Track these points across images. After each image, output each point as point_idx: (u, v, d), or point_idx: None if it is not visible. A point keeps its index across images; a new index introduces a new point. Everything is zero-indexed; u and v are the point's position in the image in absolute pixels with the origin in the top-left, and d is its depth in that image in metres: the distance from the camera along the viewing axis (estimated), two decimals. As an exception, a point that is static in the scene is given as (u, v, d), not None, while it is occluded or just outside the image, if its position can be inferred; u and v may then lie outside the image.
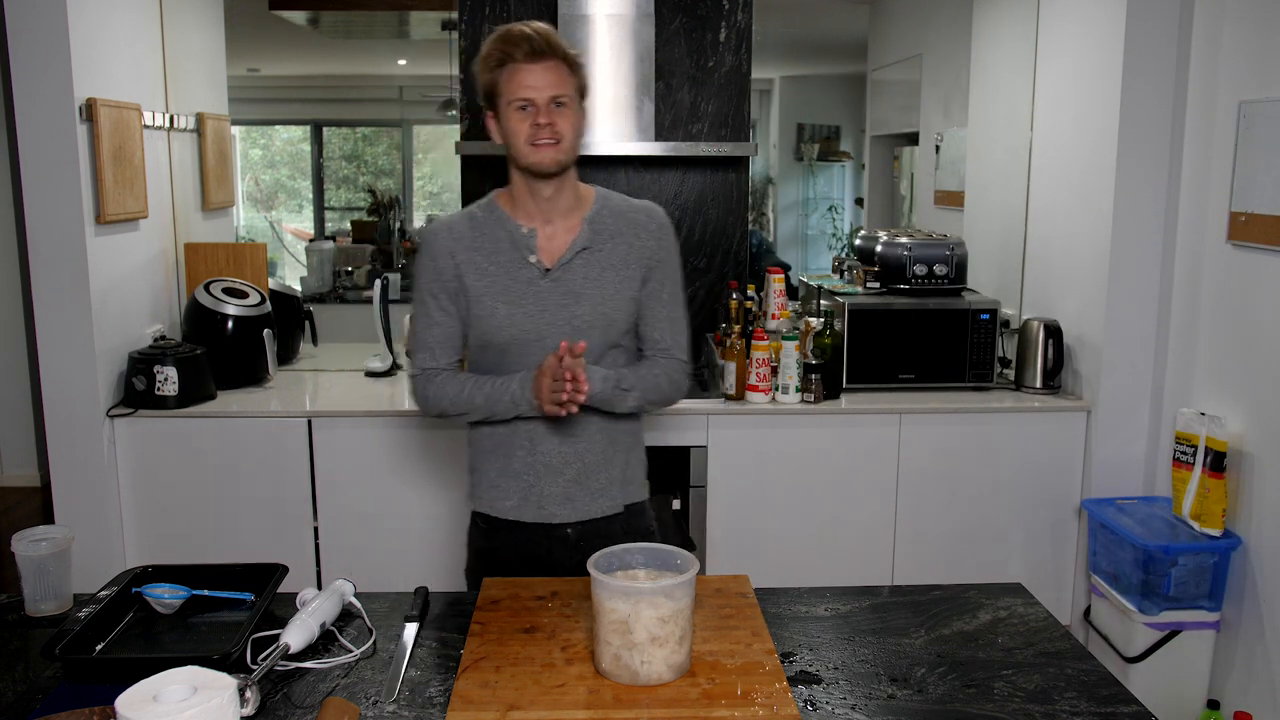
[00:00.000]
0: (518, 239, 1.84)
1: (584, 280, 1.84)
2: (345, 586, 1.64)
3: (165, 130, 3.30)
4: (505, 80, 1.76)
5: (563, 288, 1.83)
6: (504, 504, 1.91)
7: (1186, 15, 2.82)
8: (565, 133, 1.77)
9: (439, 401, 1.89)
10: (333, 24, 5.75)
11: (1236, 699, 2.67)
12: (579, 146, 1.81)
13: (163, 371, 2.90)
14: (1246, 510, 2.63)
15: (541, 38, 1.75)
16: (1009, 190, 3.58)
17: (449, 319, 1.88)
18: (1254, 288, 2.59)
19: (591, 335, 1.83)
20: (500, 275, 1.83)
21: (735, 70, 3.39)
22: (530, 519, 1.90)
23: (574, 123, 1.79)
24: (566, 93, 1.77)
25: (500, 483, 1.91)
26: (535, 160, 1.77)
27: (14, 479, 5.06)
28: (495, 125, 1.82)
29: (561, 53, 1.77)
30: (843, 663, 1.50)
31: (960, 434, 3.05)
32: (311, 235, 8.53)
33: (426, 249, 1.88)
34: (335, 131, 9.14)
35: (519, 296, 1.83)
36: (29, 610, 1.64)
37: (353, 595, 1.65)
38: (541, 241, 1.85)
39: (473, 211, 1.90)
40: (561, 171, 1.81)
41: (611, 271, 1.85)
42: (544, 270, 1.83)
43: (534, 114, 1.75)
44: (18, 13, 2.69)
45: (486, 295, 1.83)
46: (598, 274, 1.84)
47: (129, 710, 1.07)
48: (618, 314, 1.85)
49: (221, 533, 2.96)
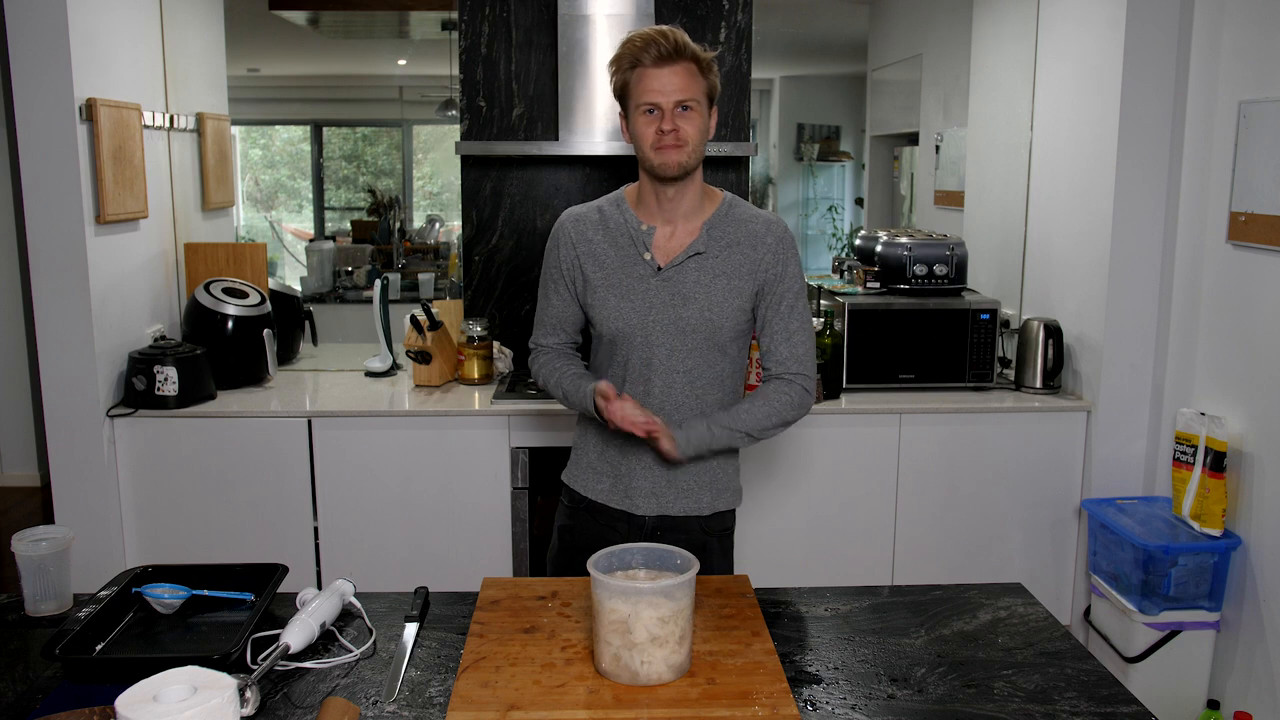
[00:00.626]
0: (636, 235, 1.89)
1: (694, 284, 1.86)
2: (345, 586, 1.64)
3: (165, 130, 3.30)
4: (634, 83, 1.80)
5: (672, 288, 1.86)
6: (596, 486, 1.99)
7: (1186, 15, 2.82)
8: (690, 137, 1.79)
9: (537, 377, 2.02)
10: (333, 24, 5.75)
11: (1236, 699, 2.67)
12: (704, 149, 1.84)
13: (163, 371, 2.90)
14: (1246, 510, 2.63)
15: (670, 41, 1.76)
16: (1009, 190, 3.58)
17: (564, 303, 1.96)
18: (1254, 288, 2.59)
19: (695, 339, 1.87)
20: (616, 268, 1.89)
21: (735, 70, 3.39)
22: (616, 505, 1.97)
23: (699, 126, 1.81)
24: (694, 96, 1.78)
25: (598, 465, 1.99)
26: (659, 163, 1.80)
27: (14, 479, 5.06)
28: (625, 125, 1.87)
29: (691, 54, 1.79)
30: (843, 663, 1.50)
31: (960, 434, 3.05)
32: (311, 235, 8.54)
33: (555, 235, 1.96)
34: (335, 131, 9.14)
35: (629, 291, 1.88)
36: (29, 610, 1.64)
37: (353, 595, 1.65)
38: (659, 240, 1.89)
39: (602, 204, 1.96)
40: (685, 175, 1.83)
41: (723, 279, 1.87)
42: (656, 269, 1.87)
43: (659, 118, 1.78)
44: (18, 13, 2.69)
45: (601, 286, 1.90)
46: (709, 280, 1.86)
47: (129, 710, 1.07)
48: (724, 321, 1.87)
49: (221, 533, 2.96)
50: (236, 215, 5.16)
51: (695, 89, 1.79)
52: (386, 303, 3.39)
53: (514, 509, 2.98)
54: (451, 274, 6.23)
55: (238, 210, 5.48)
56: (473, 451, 2.95)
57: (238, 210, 5.48)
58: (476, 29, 3.34)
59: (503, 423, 2.94)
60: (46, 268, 2.80)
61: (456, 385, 3.20)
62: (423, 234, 7.49)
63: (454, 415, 2.94)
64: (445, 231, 7.56)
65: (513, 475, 2.96)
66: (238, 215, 5.73)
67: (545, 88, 3.35)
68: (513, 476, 2.96)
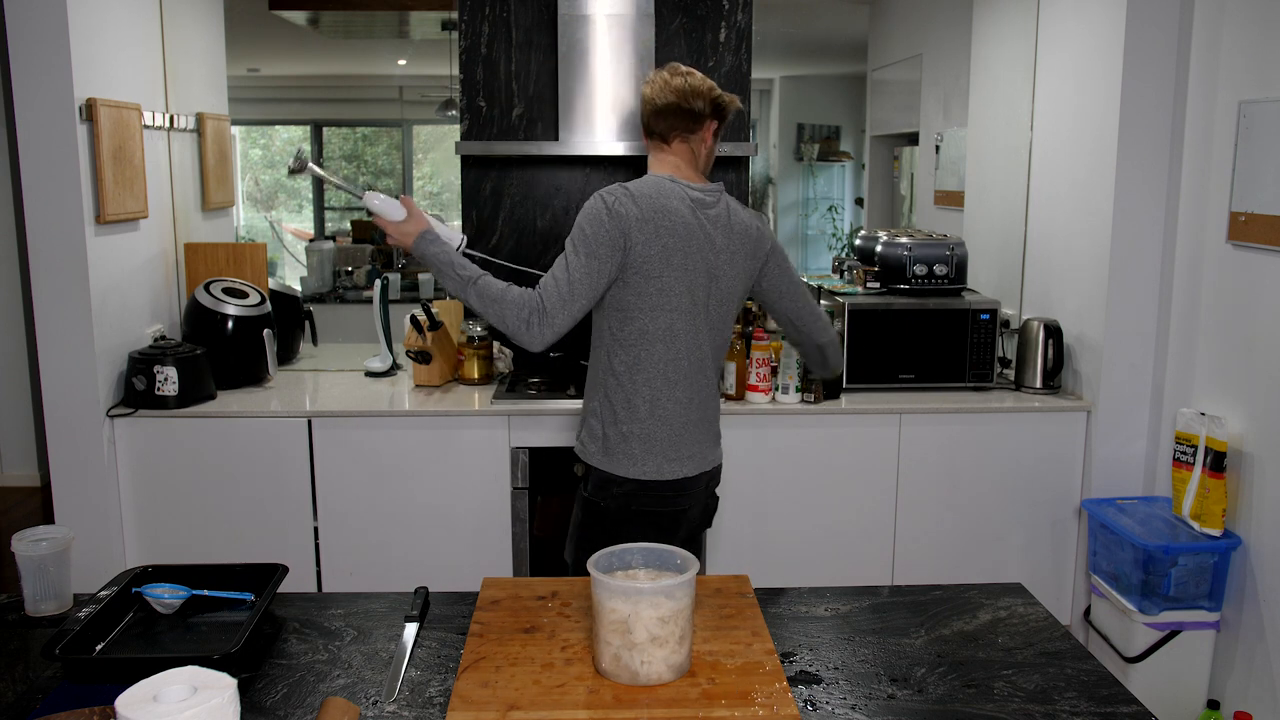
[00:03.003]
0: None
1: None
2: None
3: (165, 130, 3.30)
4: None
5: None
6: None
7: (1186, 15, 2.82)
8: None
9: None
10: (333, 24, 5.75)
11: (1236, 699, 2.67)
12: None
13: (163, 371, 2.90)
14: (1246, 510, 2.63)
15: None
16: (1009, 190, 3.58)
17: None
18: (1254, 288, 2.59)
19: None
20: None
21: (735, 70, 3.39)
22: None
23: None
24: None
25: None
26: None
27: (14, 479, 5.06)
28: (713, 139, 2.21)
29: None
30: (843, 663, 1.50)
31: (960, 434, 3.05)
32: (311, 235, 8.54)
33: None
34: (335, 131, 9.14)
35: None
36: (29, 610, 1.64)
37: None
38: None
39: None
40: None
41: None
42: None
43: None
44: (18, 13, 2.69)
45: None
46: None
47: (129, 710, 1.07)
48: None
49: (221, 533, 2.96)
50: (236, 215, 5.17)
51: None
52: (386, 303, 3.39)
53: (514, 509, 2.98)
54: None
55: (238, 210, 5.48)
56: (473, 451, 2.95)
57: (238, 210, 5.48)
58: (476, 29, 3.34)
59: (503, 423, 2.94)
60: (46, 268, 2.80)
61: (456, 385, 3.20)
62: (423, 234, 7.47)
63: (454, 415, 2.94)
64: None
65: (513, 475, 2.96)
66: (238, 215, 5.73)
67: (545, 88, 3.35)
68: (513, 476, 2.96)
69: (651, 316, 2.04)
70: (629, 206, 2.01)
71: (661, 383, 2.07)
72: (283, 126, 9.33)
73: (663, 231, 2.02)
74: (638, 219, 2.01)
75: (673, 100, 2.11)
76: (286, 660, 1.48)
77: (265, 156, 9.49)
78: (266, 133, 9.39)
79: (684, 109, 2.11)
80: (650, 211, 2.02)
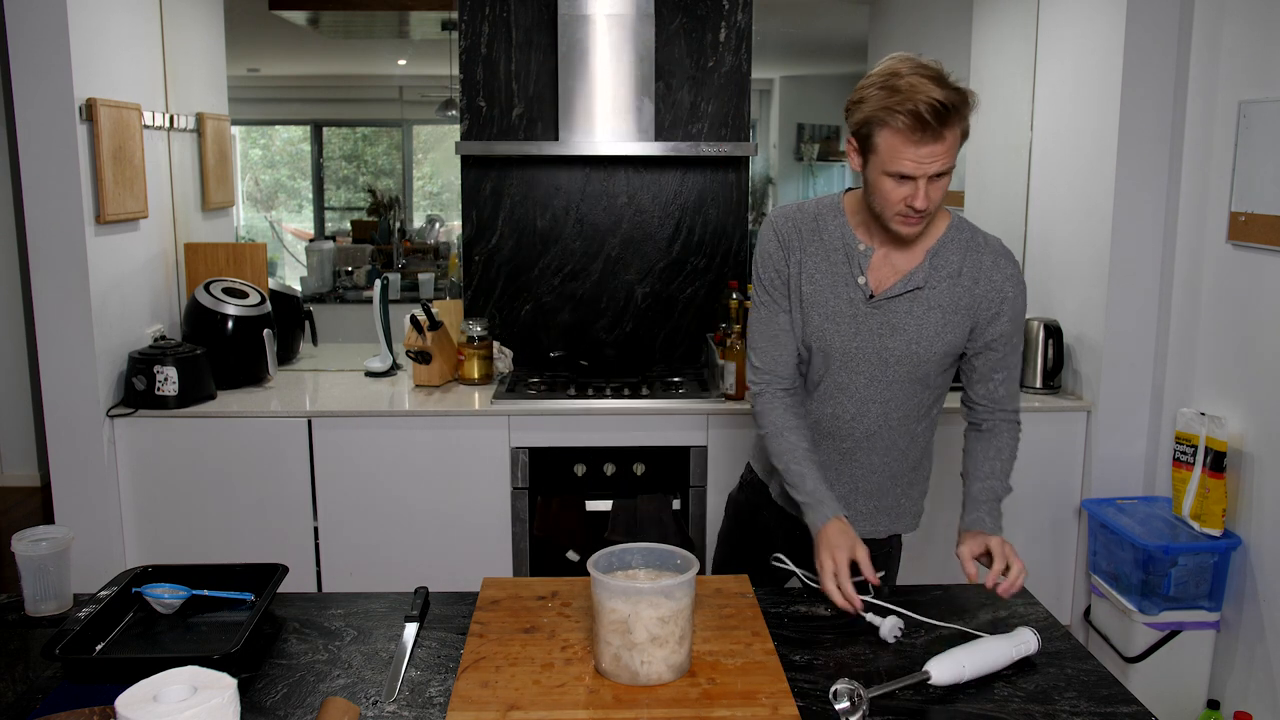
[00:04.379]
0: (852, 255, 1.75)
1: (906, 315, 1.74)
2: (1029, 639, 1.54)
3: (165, 130, 3.30)
4: (886, 141, 1.59)
5: (882, 316, 1.74)
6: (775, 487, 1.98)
7: (1186, 15, 2.82)
8: (935, 203, 1.63)
9: (758, 420, 1.87)
10: (333, 24, 5.75)
11: (1236, 699, 2.67)
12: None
13: (163, 371, 2.90)
14: (1246, 510, 2.63)
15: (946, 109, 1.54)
16: (1009, 190, 3.58)
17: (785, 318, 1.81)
18: (1254, 288, 2.59)
19: (899, 370, 1.77)
20: (826, 286, 1.76)
21: (735, 70, 3.39)
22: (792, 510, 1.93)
23: (947, 186, 1.63)
24: (950, 164, 1.60)
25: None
26: (897, 230, 1.67)
27: (14, 479, 5.06)
28: (857, 157, 1.68)
29: (959, 122, 1.58)
30: (843, 663, 1.50)
31: (960, 434, 3.04)
32: (311, 235, 8.52)
33: (769, 237, 1.81)
34: (335, 131, 9.13)
35: (836, 314, 1.76)
36: (29, 610, 1.64)
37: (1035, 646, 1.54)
38: (876, 261, 1.74)
39: (819, 211, 1.80)
40: None
41: (938, 312, 1.74)
42: (869, 295, 1.74)
43: (911, 190, 1.61)
44: (18, 13, 2.69)
45: (808, 303, 1.78)
46: (923, 312, 1.74)
47: (129, 710, 1.07)
48: (930, 354, 1.76)
49: (221, 533, 2.96)
50: (236, 215, 5.16)
51: (954, 155, 1.59)
52: (386, 303, 3.39)
53: (514, 509, 2.98)
54: (451, 274, 6.23)
55: (238, 210, 5.47)
56: (473, 451, 2.95)
57: (238, 210, 5.47)
58: (476, 29, 3.34)
59: (503, 423, 2.94)
60: (46, 268, 2.80)
61: (456, 385, 3.20)
62: (423, 234, 7.48)
63: (454, 415, 2.94)
64: (445, 231, 7.55)
65: (513, 475, 2.96)
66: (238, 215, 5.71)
67: (545, 88, 3.34)
68: (513, 476, 2.96)
69: None
70: None
71: None
72: (283, 126, 9.32)
73: None
74: None
75: None
76: (286, 660, 1.48)
77: (265, 156, 9.49)
78: (266, 133, 9.39)
79: None
80: None
